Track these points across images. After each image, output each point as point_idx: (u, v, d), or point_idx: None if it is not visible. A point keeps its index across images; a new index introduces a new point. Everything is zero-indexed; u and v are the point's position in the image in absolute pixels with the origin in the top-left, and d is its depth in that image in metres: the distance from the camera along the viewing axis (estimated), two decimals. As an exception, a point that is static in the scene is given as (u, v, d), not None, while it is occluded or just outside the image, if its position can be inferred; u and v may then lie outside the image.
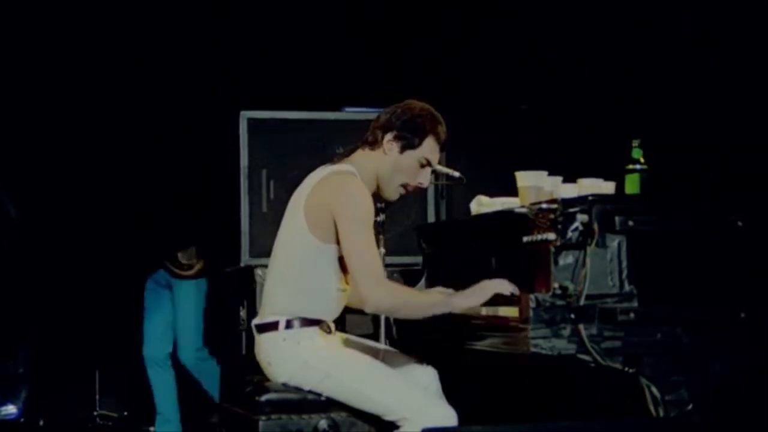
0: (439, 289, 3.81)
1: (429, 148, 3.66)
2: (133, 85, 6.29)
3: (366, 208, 3.52)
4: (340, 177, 3.61)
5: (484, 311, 3.47)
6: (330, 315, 3.68)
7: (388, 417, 3.49)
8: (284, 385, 3.59)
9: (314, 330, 3.61)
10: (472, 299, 3.43)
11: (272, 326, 3.60)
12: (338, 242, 3.54)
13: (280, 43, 6.31)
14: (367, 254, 3.47)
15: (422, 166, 3.67)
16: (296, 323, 3.58)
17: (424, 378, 3.75)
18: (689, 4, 4.85)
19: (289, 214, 3.67)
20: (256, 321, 3.71)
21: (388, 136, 3.63)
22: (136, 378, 6.24)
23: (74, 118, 6.24)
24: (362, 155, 3.70)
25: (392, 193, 3.69)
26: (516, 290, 3.37)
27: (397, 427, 3.48)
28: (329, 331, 3.66)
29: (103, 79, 6.25)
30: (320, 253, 3.55)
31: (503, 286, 3.40)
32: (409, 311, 3.54)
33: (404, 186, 3.70)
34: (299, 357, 3.56)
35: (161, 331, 5.89)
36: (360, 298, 3.48)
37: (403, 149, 3.64)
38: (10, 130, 6.09)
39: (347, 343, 3.77)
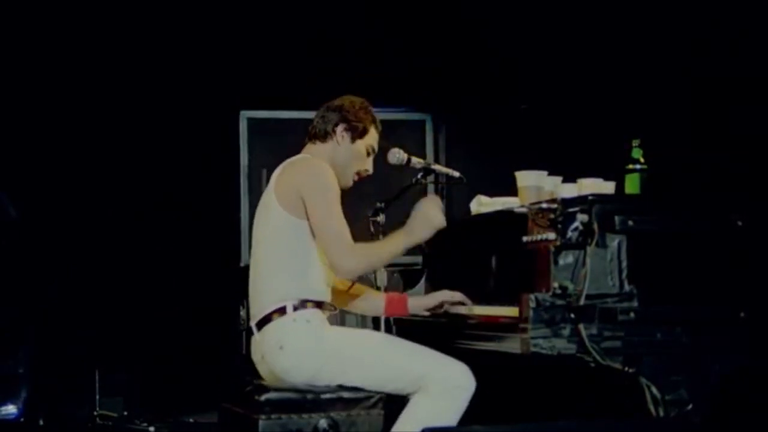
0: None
1: (372, 137, 3.92)
2: (133, 85, 6.30)
3: (329, 180, 3.68)
4: (302, 160, 3.81)
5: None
6: (325, 294, 3.73)
7: (404, 379, 3.54)
8: (292, 369, 3.58)
9: (318, 311, 3.66)
10: (417, 233, 3.69)
11: (278, 312, 3.63)
12: None
13: (280, 43, 6.31)
14: (335, 223, 3.61)
15: (368, 154, 3.90)
16: (301, 305, 3.63)
17: None
18: (689, 4, 4.85)
19: (261, 208, 3.80)
20: (254, 320, 3.72)
21: (340, 128, 3.86)
22: (136, 378, 6.24)
23: (74, 118, 6.24)
24: (314, 149, 3.89)
25: (348, 180, 3.87)
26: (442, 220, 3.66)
27: (406, 401, 3.54)
28: (334, 309, 3.74)
29: (102, 80, 6.25)
30: (300, 230, 3.65)
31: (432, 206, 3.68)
32: (379, 264, 3.77)
33: (357, 173, 3.90)
34: (311, 334, 3.61)
35: None
36: (335, 268, 3.63)
37: (353, 138, 3.87)
38: (10, 130, 6.08)
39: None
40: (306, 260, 3.67)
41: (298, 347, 3.60)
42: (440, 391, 3.48)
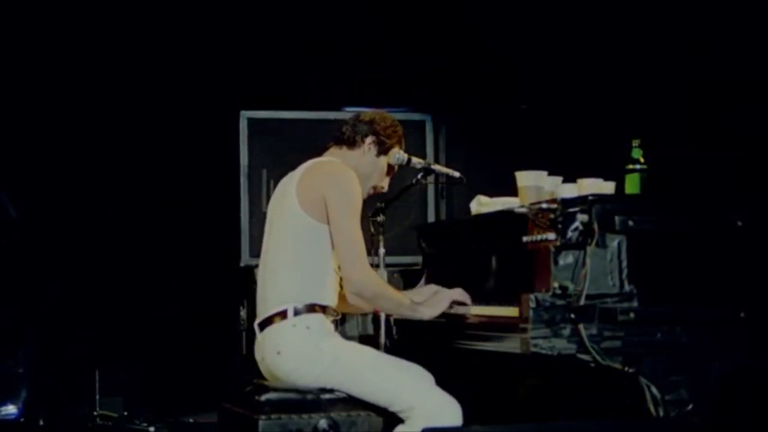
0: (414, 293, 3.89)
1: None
2: (132, 85, 6.29)
3: (355, 192, 3.68)
4: (329, 164, 3.81)
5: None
6: (333, 299, 3.71)
7: (394, 406, 3.52)
8: (292, 372, 3.58)
9: (322, 316, 3.65)
10: (435, 309, 3.69)
11: (280, 315, 3.63)
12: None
13: (280, 43, 6.31)
14: (357, 237, 3.62)
15: (388, 172, 3.95)
16: (304, 309, 3.62)
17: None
18: (689, 4, 4.85)
19: (277, 207, 3.78)
20: (258, 320, 3.72)
21: (370, 139, 3.88)
22: (136, 378, 6.24)
23: (74, 118, 6.24)
24: (340, 153, 3.89)
25: (364, 192, 3.86)
26: (468, 299, 3.70)
27: (401, 421, 3.51)
28: (337, 315, 3.71)
29: (102, 80, 6.25)
30: (317, 233, 3.65)
31: (459, 295, 3.70)
32: (384, 303, 3.72)
33: (374, 187, 3.93)
34: (310, 341, 3.60)
35: None
36: (346, 278, 3.61)
37: (379, 153, 3.90)
38: (10, 130, 6.08)
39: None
40: (323, 265, 3.67)
41: (296, 353, 3.60)
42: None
